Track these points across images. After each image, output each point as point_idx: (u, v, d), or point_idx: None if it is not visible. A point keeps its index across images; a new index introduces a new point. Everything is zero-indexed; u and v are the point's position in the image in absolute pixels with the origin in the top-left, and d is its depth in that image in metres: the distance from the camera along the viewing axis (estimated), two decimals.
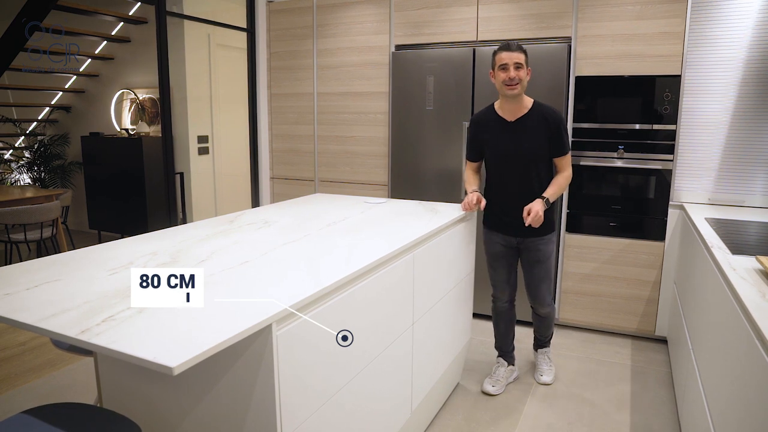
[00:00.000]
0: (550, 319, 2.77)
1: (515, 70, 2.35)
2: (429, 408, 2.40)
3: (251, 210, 2.55)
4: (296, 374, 1.35)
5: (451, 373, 2.63)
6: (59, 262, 1.65)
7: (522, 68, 2.37)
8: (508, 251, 2.63)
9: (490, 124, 2.52)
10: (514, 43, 2.40)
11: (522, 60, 2.37)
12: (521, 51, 2.38)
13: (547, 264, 2.58)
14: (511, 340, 2.80)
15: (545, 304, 2.66)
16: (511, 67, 2.35)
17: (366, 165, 3.88)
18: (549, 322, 2.77)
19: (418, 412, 2.23)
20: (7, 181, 6.11)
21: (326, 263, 1.64)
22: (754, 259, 1.84)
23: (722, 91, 3.00)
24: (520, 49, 2.38)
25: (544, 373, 2.80)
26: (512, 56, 2.35)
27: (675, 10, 2.94)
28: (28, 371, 2.87)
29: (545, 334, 2.82)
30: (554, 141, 2.45)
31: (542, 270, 2.58)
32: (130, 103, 6.01)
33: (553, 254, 2.60)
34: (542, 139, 2.44)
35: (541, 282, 2.61)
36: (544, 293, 2.64)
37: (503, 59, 2.37)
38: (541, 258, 2.56)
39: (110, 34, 5.82)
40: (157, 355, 1.03)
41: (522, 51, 2.38)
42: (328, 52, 3.89)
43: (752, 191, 3.03)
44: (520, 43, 2.44)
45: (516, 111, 2.46)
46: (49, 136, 6.32)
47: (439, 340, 2.38)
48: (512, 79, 2.35)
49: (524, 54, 2.38)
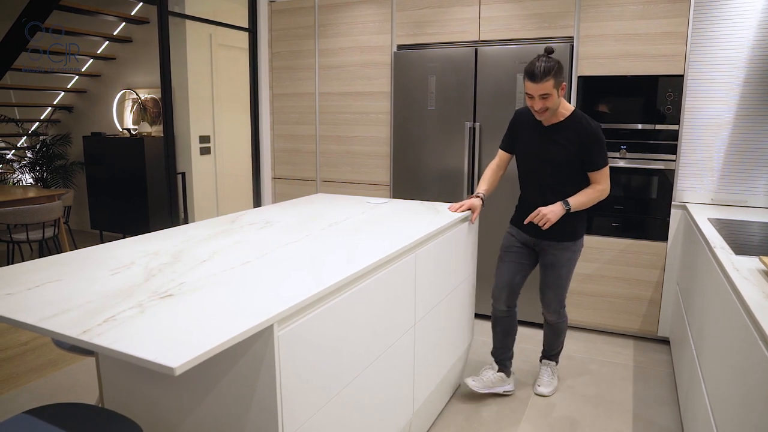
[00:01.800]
0: (558, 330, 2.68)
1: (541, 100, 2.24)
2: (431, 409, 2.39)
3: (253, 210, 2.55)
4: (298, 374, 1.35)
5: (453, 374, 2.62)
6: (61, 262, 1.65)
7: (550, 96, 2.23)
8: (521, 249, 2.56)
9: (528, 122, 2.46)
10: (539, 68, 2.19)
11: (549, 89, 2.20)
12: (547, 78, 2.19)
13: (560, 271, 2.49)
14: (507, 349, 2.66)
15: (551, 310, 2.59)
16: (536, 97, 2.24)
17: (368, 165, 3.88)
18: (557, 333, 2.69)
19: (419, 413, 2.23)
20: (10, 181, 6.12)
21: (328, 263, 1.64)
22: (757, 260, 1.83)
23: (725, 91, 3.00)
24: (547, 75, 2.19)
25: (542, 384, 2.70)
26: (537, 88, 2.21)
27: (677, 10, 2.93)
28: (30, 371, 2.87)
29: (552, 345, 2.74)
30: (585, 155, 2.34)
31: (552, 275, 2.50)
32: (132, 103, 6.02)
33: (569, 264, 2.49)
34: (570, 150, 2.35)
35: (549, 288, 2.54)
36: (550, 299, 2.56)
37: (529, 89, 2.24)
38: (555, 263, 2.48)
39: (112, 34, 5.82)
40: (158, 356, 1.02)
41: (548, 77, 2.19)
42: (330, 52, 3.89)
43: (755, 191, 3.02)
44: (546, 65, 2.20)
45: (551, 117, 2.38)
46: (51, 136, 6.33)
47: (441, 341, 2.38)
48: (539, 109, 2.27)
49: (552, 78, 2.20)
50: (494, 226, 3.44)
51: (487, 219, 3.45)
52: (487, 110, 3.38)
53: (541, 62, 2.22)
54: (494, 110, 3.35)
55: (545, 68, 2.20)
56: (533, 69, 2.22)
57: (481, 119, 3.40)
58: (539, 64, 2.21)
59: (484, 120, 3.39)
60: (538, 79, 2.21)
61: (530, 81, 2.23)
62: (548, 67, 2.20)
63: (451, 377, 2.61)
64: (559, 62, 2.24)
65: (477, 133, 3.43)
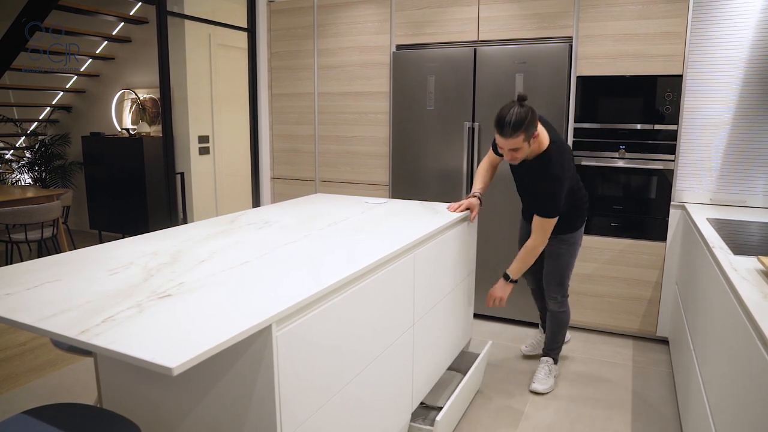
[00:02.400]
0: (558, 321, 2.72)
1: (511, 152, 2.23)
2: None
3: (252, 210, 2.55)
4: (296, 374, 1.35)
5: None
6: (60, 262, 1.64)
7: (520, 149, 2.20)
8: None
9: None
10: (509, 123, 2.13)
11: (518, 144, 2.17)
12: (516, 133, 2.14)
13: (557, 261, 2.60)
14: (540, 308, 3.02)
15: (551, 297, 2.68)
16: (506, 150, 2.23)
17: (367, 165, 3.88)
18: (557, 324, 2.73)
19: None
20: (8, 181, 6.11)
21: (327, 263, 1.64)
22: (756, 260, 1.83)
23: (724, 91, 3.00)
24: (516, 131, 2.13)
25: (537, 381, 2.69)
26: (507, 143, 2.18)
27: (676, 10, 2.93)
28: (29, 371, 2.87)
29: (552, 339, 2.76)
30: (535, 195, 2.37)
31: (550, 265, 2.63)
32: (131, 103, 6.02)
33: (567, 254, 2.59)
34: (533, 187, 2.40)
35: (550, 276, 2.64)
36: (550, 286, 2.66)
37: (498, 141, 2.23)
38: (552, 253, 2.61)
39: (111, 34, 5.82)
40: (156, 356, 1.02)
41: (518, 133, 2.14)
42: (329, 52, 3.89)
43: (754, 191, 3.02)
44: (517, 119, 2.12)
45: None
46: (50, 136, 6.33)
47: (440, 341, 2.38)
48: (508, 159, 2.28)
49: (522, 133, 2.14)
50: (493, 226, 3.44)
51: (485, 219, 3.45)
52: (486, 110, 3.38)
53: (511, 115, 2.13)
54: (493, 110, 3.35)
55: (515, 123, 2.12)
56: (502, 123, 2.15)
57: (480, 119, 3.40)
58: (509, 118, 2.14)
59: (483, 120, 3.40)
60: (506, 135, 2.16)
61: (499, 134, 2.19)
62: (518, 122, 2.12)
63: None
64: (531, 111, 2.17)
65: (476, 133, 3.43)
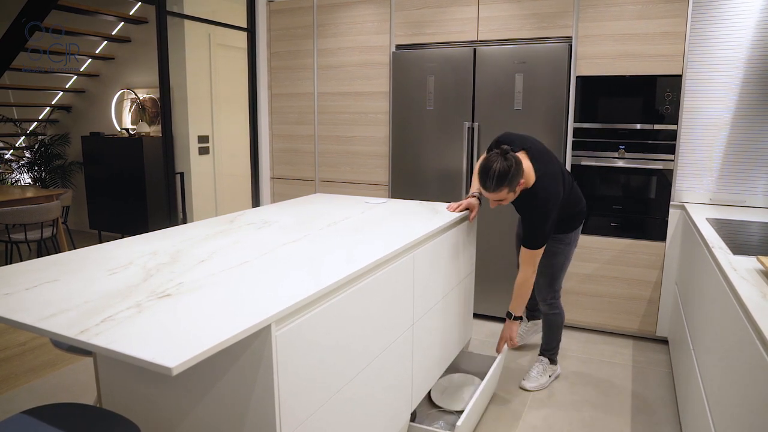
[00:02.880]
0: (550, 323, 2.73)
1: (496, 201, 2.28)
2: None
3: (251, 210, 2.55)
4: (296, 374, 1.35)
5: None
6: (59, 262, 1.64)
7: (504, 199, 2.25)
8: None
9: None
10: (492, 177, 2.15)
11: (503, 196, 2.21)
12: (500, 188, 2.17)
13: (551, 260, 2.58)
14: (532, 301, 3.04)
15: (541, 298, 2.67)
16: (491, 200, 2.28)
17: (366, 165, 3.88)
18: (549, 326, 2.73)
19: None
20: (8, 181, 6.11)
21: (326, 263, 1.64)
22: (755, 260, 1.83)
23: (723, 91, 3.00)
24: (500, 186, 2.16)
25: (527, 378, 2.71)
26: (491, 195, 2.23)
27: (676, 10, 2.93)
28: (28, 371, 2.87)
29: (546, 340, 2.77)
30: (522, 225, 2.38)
31: (542, 264, 2.58)
32: (131, 103, 6.01)
33: (562, 254, 2.59)
34: (523, 214, 2.40)
35: (541, 275, 2.62)
36: (541, 285, 2.65)
37: (483, 193, 2.27)
38: (546, 252, 2.57)
39: (111, 34, 5.82)
40: (155, 356, 1.02)
41: (501, 187, 2.17)
42: (329, 52, 3.89)
43: (753, 191, 3.02)
44: (500, 174, 2.13)
45: None
46: (49, 135, 6.33)
47: (440, 341, 2.38)
48: (493, 206, 2.34)
49: (506, 187, 2.17)
50: (492, 226, 3.44)
51: (485, 218, 3.45)
52: (486, 110, 3.38)
53: (494, 171, 2.14)
54: (493, 110, 3.36)
55: (498, 177, 2.14)
56: (486, 174, 2.16)
57: (480, 119, 3.40)
58: (492, 171, 2.14)
59: (483, 120, 3.40)
60: (490, 190, 2.19)
61: (482, 186, 2.22)
62: (501, 177, 2.13)
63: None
64: (515, 163, 2.16)
65: (475, 133, 3.43)
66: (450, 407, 2.40)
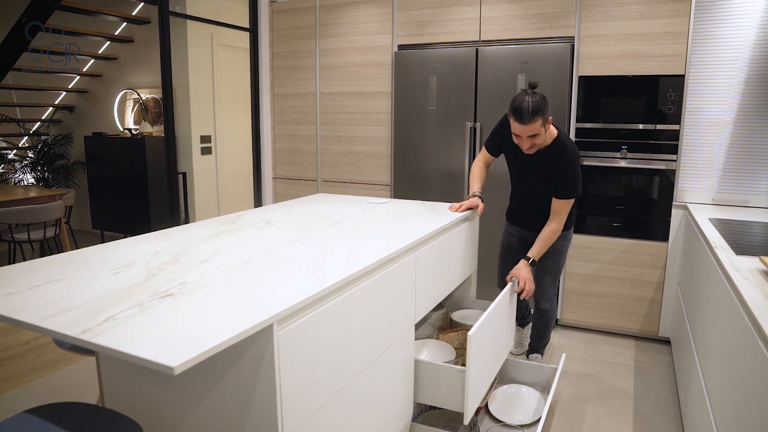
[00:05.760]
0: (548, 319, 2.75)
1: (530, 139, 2.23)
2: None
3: (253, 210, 2.55)
4: (298, 374, 1.35)
5: None
6: (62, 261, 1.65)
7: (538, 135, 2.22)
8: (522, 246, 2.67)
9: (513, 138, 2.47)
10: (527, 108, 2.14)
11: (537, 129, 2.19)
12: (535, 119, 2.16)
13: (555, 258, 2.60)
14: (521, 309, 2.97)
15: (545, 297, 2.68)
16: (525, 137, 2.23)
17: (368, 165, 3.88)
18: (546, 322, 2.76)
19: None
20: (11, 181, 6.13)
21: (328, 263, 1.64)
22: (758, 260, 1.83)
23: (726, 91, 2.99)
24: (535, 115, 2.15)
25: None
26: (526, 129, 2.19)
27: (679, 10, 2.93)
28: (31, 371, 2.87)
29: (541, 336, 2.79)
30: (552, 184, 2.38)
31: (549, 262, 2.61)
32: (133, 103, 6.03)
33: (563, 251, 2.62)
34: (544, 177, 2.41)
35: (546, 273, 2.63)
36: (546, 285, 2.65)
37: (516, 130, 2.23)
38: (551, 251, 2.58)
39: (113, 34, 5.83)
40: (158, 355, 1.03)
41: (537, 117, 2.16)
42: (331, 52, 3.89)
43: (756, 191, 3.01)
44: (534, 104, 2.15)
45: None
46: (52, 136, 6.34)
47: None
48: (528, 148, 2.28)
49: (540, 117, 2.17)
50: (493, 226, 3.44)
51: (485, 218, 3.45)
52: (488, 110, 3.38)
53: (528, 102, 2.16)
54: (495, 110, 3.35)
55: (533, 108, 2.15)
56: (521, 109, 2.16)
57: (482, 119, 3.40)
58: (526, 104, 2.15)
59: (485, 120, 3.39)
60: (526, 121, 2.17)
61: (518, 122, 2.20)
62: (536, 107, 2.15)
63: None
64: (544, 96, 2.20)
65: (477, 133, 3.43)
66: (510, 420, 2.33)
